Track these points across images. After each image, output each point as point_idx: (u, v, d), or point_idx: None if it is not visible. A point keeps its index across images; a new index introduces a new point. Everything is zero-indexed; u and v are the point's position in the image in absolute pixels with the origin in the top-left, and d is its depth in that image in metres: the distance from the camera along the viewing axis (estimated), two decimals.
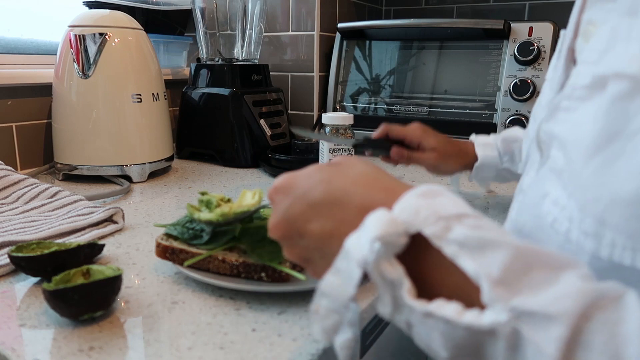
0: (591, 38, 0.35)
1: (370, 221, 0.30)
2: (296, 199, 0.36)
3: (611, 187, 0.30)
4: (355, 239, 0.31)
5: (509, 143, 0.76)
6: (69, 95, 0.91)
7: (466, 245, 0.28)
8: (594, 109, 0.32)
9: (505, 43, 1.09)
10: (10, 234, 0.60)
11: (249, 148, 1.08)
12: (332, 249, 0.34)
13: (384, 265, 0.29)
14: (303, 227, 0.36)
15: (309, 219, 0.35)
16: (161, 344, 0.41)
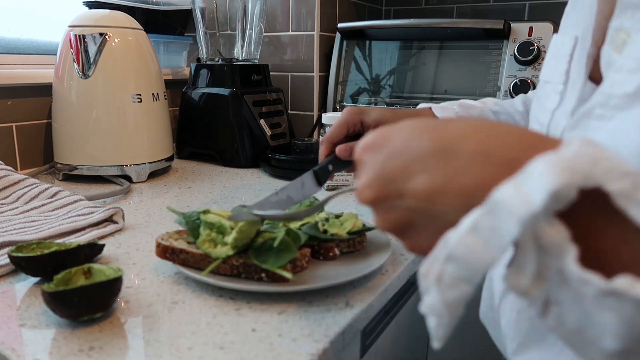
0: (625, 47, 0.35)
1: (538, 167, 0.24)
2: (394, 152, 0.31)
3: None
4: (513, 189, 0.24)
5: (466, 109, 0.72)
6: (69, 95, 0.91)
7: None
8: (636, 119, 0.32)
9: (505, 43, 1.09)
10: (10, 234, 0.60)
11: (249, 148, 1.08)
12: (443, 208, 0.28)
13: (542, 225, 0.24)
14: (404, 183, 0.30)
15: (412, 173, 0.30)
16: (161, 344, 0.41)
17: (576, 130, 0.39)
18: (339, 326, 0.44)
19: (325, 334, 0.43)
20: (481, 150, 0.28)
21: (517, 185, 0.24)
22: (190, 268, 0.52)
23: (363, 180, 0.32)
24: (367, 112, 0.66)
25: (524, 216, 0.23)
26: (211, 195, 0.86)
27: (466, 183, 0.27)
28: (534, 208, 0.23)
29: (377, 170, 0.31)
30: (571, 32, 0.44)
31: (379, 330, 0.66)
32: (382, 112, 0.66)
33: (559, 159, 0.24)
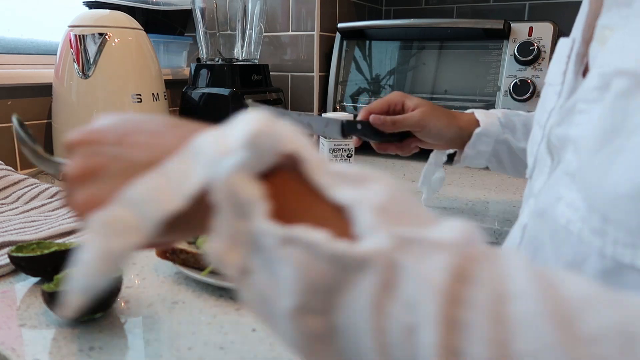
0: (607, 42, 0.35)
1: (242, 120, 0.25)
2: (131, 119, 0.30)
3: (612, 183, 0.30)
4: (213, 137, 0.24)
5: (511, 116, 0.72)
6: (69, 95, 0.91)
7: (343, 176, 0.24)
8: (600, 108, 0.33)
9: (505, 43, 1.09)
10: (10, 234, 0.60)
11: None
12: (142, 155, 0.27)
13: (239, 182, 0.23)
14: (127, 135, 0.28)
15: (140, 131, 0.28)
16: (161, 344, 0.41)
17: (561, 126, 0.39)
18: None
19: None
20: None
21: (219, 134, 0.24)
22: (190, 268, 0.52)
23: (90, 126, 0.30)
24: (410, 97, 0.71)
25: (214, 158, 0.23)
26: None
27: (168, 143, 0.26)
28: (228, 149, 0.23)
29: (110, 122, 0.29)
30: (572, 34, 0.45)
31: None
32: (425, 100, 0.71)
33: (263, 116, 0.24)
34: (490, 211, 0.79)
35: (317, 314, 0.23)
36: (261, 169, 0.24)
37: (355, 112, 1.27)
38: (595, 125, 0.32)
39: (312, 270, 0.22)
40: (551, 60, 0.50)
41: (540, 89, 1.04)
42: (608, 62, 0.33)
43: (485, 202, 0.83)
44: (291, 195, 0.25)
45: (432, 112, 0.71)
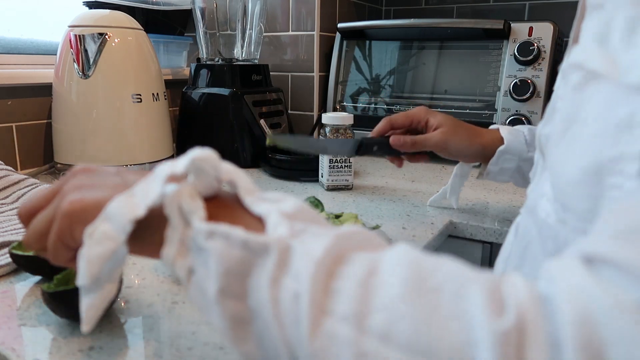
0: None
1: (191, 152, 0.31)
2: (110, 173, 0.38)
3: (566, 170, 0.32)
4: (167, 164, 0.31)
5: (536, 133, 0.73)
6: (69, 95, 0.91)
7: (265, 198, 0.32)
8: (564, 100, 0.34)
9: (505, 43, 1.09)
10: (10, 234, 0.60)
11: (249, 148, 1.08)
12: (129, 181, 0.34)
13: (185, 197, 0.29)
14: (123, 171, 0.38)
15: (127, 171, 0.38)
16: (161, 344, 0.41)
17: (546, 126, 0.40)
18: None
19: None
20: None
21: (173, 162, 0.31)
22: None
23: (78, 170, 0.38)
24: (435, 113, 0.70)
25: (167, 174, 0.30)
26: None
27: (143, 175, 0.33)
28: (175, 169, 0.30)
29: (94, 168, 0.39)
30: None
31: None
32: (448, 117, 0.70)
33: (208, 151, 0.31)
34: (490, 211, 0.79)
35: (236, 298, 0.27)
36: (206, 191, 0.31)
37: (356, 111, 1.27)
38: (559, 118, 0.34)
39: (228, 256, 0.27)
40: None
41: (540, 89, 1.04)
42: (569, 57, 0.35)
43: (486, 202, 0.83)
44: (224, 209, 0.31)
45: (455, 132, 0.69)
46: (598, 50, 0.31)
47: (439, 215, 0.76)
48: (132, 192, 0.31)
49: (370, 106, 1.26)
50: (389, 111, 1.23)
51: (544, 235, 0.37)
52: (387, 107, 1.24)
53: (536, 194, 0.41)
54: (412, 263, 0.25)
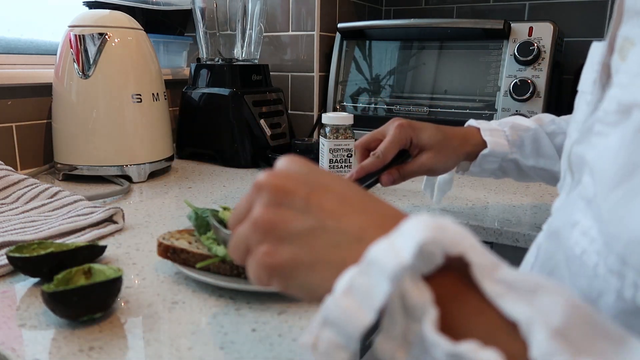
0: (627, 57, 0.33)
1: (410, 225, 0.25)
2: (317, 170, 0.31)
3: (630, 225, 0.28)
4: (386, 246, 0.25)
5: (519, 131, 0.69)
6: (69, 95, 0.91)
7: (515, 287, 0.24)
8: (619, 138, 0.30)
9: (505, 43, 1.09)
10: (10, 234, 0.60)
11: (249, 148, 1.08)
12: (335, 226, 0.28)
13: (409, 285, 0.24)
14: (315, 191, 0.29)
15: (326, 189, 0.30)
16: (161, 344, 0.41)
17: (582, 145, 0.37)
18: None
19: None
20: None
21: (390, 243, 0.25)
22: (190, 268, 0.52)
23: (280, 169, 0.31)
24: (420, 131, 0.66)
25: (394, 271, 0.24)
26: (211, 195, 0.86)
27: (364, 221, 0.28)
28: (403, 261, 0.24)
29: (298, 169, 0.31)
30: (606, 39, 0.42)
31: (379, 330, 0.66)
32: (434, 134, 0.67)
33: (429, 220, 0.26)
34: (490, 211, 0.79)
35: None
36: (428, 271, 0.25)
37: (356, 111, 1.27)
38: (613, 156, 0.30)
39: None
40: (584, 66, 0.48)
41: (540, 89, 1.04)
42: (629, 89, 0.31)
43: (486, 202, 0.83)
44: (458, 300, 0.25)
45: (440, 153, 0.67)
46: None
47: (439, 216, 0.76)
48: (349, 289, 0.25)
49: (370, 106, 1.26)
50: (389, 111, 1.23)
51: (575, 268, 0.34)
52: (387, 107, 1.24)
53: (564, 218, 0.38)
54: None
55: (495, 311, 0.24)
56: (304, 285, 0.28)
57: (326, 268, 0.28)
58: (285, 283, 0.29)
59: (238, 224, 0.32)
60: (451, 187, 0.77)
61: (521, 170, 0.71)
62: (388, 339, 0.25)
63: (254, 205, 0.30)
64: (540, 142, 0.69)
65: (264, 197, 0.30)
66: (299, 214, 0.29)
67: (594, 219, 0.32)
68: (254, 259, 0.29)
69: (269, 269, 0.29)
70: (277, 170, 0.31)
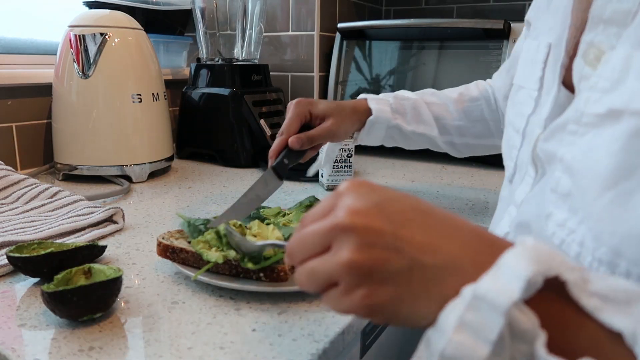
0: (600, 64, 0.35)
1: (512, 260, 0.26)
2: (393, 196, 0.31)
3: (626, 222, 0.30)
4: (491, 281, 0.26)
5: (401, 100, 0.76)
6: (69, 95, 0.91)
7: (610, 299, 0.25)
8: (608, 140, 0.32)
9: (505, 43, 1.09)
10: (10, 234, 0.60)
11: (249, 148, 1.08)
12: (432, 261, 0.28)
13: (516, 313, 0.25)
14: (401, 226, 0.29)
15: (410, 221, 0.29)
16: (161, 344, 0.41)
17: (551, 142, 0.39)
18: (339, 326, 0.44)
19: (325, 334, 0.43)
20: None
21: (494, 277, 0.26)
22: (190, 267, 0.52)
23: (354, 204, 0.30)
24: (315, 104, 0.72)
25: (506, 306, 0.25)
26: (211, 196, 0.86)
27: (455, 248, 0.28)
28: (514, 297, 0.25)
29: (374, 202, 0.30)
30: (545, 38, 0.44)
31: (379, 330, 0.66)
32: (328, 104, 0.73)
33: (526, 250, 0.26)
34: (490, 211, 0.79)
35: None
36: (529, 296, 0.26)
37: None
38: (603, 158, 0.32)
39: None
40: (520, 61, 0.50)
41: None
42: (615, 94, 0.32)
43: (486, 202, 0.83)
44: (558, 319, 0.26)
45: (341, 119, 0.73)
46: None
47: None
48: (461, 322, 0.26)
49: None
50: None
51: None
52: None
53: (534, 210, 0.40)
54: None
55: (595, 324, 0.25)
56: (407, 318, 0.29)
57: (426, 303, 0.28)
58: (386, 318, 0.29)
59: (309, 258, 0.31)
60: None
61: (404, 135, 0.78)
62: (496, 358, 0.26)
63: (339, 246, 0.29)
64: (419, 110, 0.77)
65: (352, 239, 0.28)
66: (393, 253, 0.28)
67: (570, 211, 0.35)
68: (348, 299, 0.29)
69: (369, 309, 0.29)
70: (354, 207, 0.29)
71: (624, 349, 0.24)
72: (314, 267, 0.30)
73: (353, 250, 0.28)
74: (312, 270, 0.30)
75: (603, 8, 0.35)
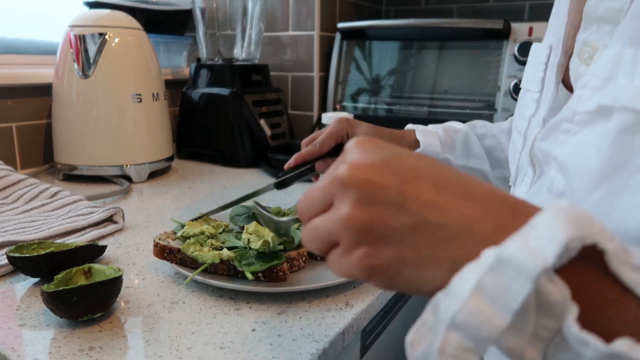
0: (592, 62, 0.35)
1: (547, 221, 0.23)
2: (403, 153, 0.28)
3: (614, 220, 0.29)
4: (519, 245, 0.23)
5: (450, 133, 0.72)
6: (69, 95, 0.91)
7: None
8: (598, 137, 0.32)
9: (505, 43, 1.09)
10: (10, 234, 0.60)
11: (249, 148, 1.08)
12: (439, 220, 0.25)
13: (544, 281, 0.22)
14: (408, 182, 0.26)
15: (419, 177, 0.27)
16: (161, 344, 0.41)
17: (546, 142, 0.39)
18: (339, 326, 0.44)
19: (325, 334, 0.43)
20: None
21: (523, 240, 0.23)
22: (187, 268, 0.52)
23: (357, 158, 0.27)
24: (356, 127, 0.68)
25: (536, 271, 0.22)
26: (211, 195, 0.86)
27: (470, 209, 0.25)
28: (547, 262, 0.22)
29: (380, 157, 0.27)
30: (548, 39, 0.45)
31: (379, 330, 0.66)
32: (369, 129, 0.69)
33: (564, 212, 0.23)
34: None
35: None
36: (561, 264, 0.23)
37: (356, 111, 1.27)
38: (593, 155, 0.32)
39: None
40: (526, 65, 0.50)
41: None
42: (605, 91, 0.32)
43: None
44: (594, 292, 0.23)
45: None
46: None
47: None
48: (479, 286, 0.23)
49: (370, 106, 1.26)
50: (389, 111, 1.23)
51: None
52: (387, 107, 1.24)
53: None
54: None
55: (632, 299, 0.23)
56: (410, 284, 0.26)
57: (434, 266, 0.25)
58: (388, 283, 0.27)
59: (314, 215, 0.29)
60: None
61: None
62: (518, 336, 0.23)
63: (339, 201, 0.27)
64: (470, 143, 0.72)
65: (351, 193, 0.26)
66: (396, 210, 0.26)
67: None
68: (348, 259, 0.27)
69: (369, 270, 0.26)
70: (356, 161, 0.27)
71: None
72: (315, 224, 0.29)
73: (351, 205, 0.26)
74: (314, 227, 0.29)
75: (595, 7, 0.35)
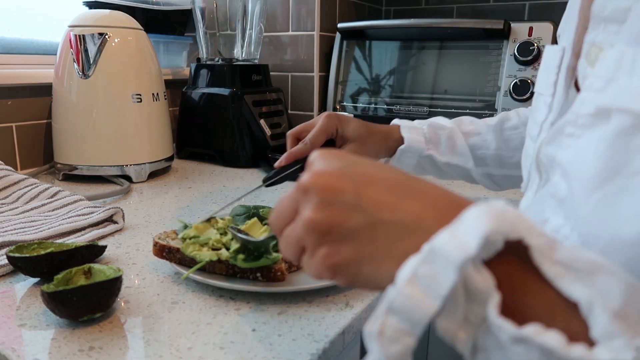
0: (597, 63, 0.34)
1: (472, 215, 0.26)
2: (358, 161, 0.31)
3: (611, 226, 0.29)
4: (448, 236, 0.25)
5: (436, 129, 0.72)
6: (69, 95, 0.91)
7: (573, 268, 0.24)
8: (596, 140, 0.32)
9: (505, 43, 1.09)
10: (10, 234, 0.60)
11: (249, 148, 1.08)
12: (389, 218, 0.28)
13: (471, 271, 0.25)
14: (364, 186, 0.29)
15: (373, 182, 0.30)
16: (161, 344, 0.41)
17: (551, 145, 0.38)
18: (339, 326, 0.45)
19: (325, 334, 0.43)
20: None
21: (452, 232, 0.26)
22: (187, 267, 0.52)
23: (319, 167, 0.31)
24: (346, 124, 0.68)
25: (460, 261, 0.24)
26: (211, 196, 0.86)
27: (419, 208, 0.28)
28: (469, 252, 0.24)
29: (339, 165, 0.30)
30: (562, 42, 0.44)
31: None
32: (358, 127, 0.69)
33: (489, 208, 0.26)
34: None
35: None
36: (488, 256, 0.25)
37: (356, 111, 1.27)
38: (591, 159, 0.31)
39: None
40: (539, 68, 0.49)
41: None
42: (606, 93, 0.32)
43: None
44: (517, 282, 0.26)
45: (363, 145, 0.69)
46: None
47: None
48: (413, 278, 0.25)
49: (370, 106, 1.26)
50: (389, 111, 1.23)
51: None
52: (387, 107, 1.24)
53: (533, 215, 0.39)
54: None
55: (554, 292, 0.25)
56: (369, 279, 0.29)
57: (389, 260, 0.28)
58: (350, 279, 0.29)
59: (285, 226, 0.32)
60: None
61: (437, 166, 0.73)
62: (450, 320, 0.26)
63: (302, 207, 0.30)
64: (455, 141, 0.72)
65: (312, 199, 0.29)
66: (353, 211, 0.28)
67: (565, 217, 0.34)
68: (314, 260, 0.29)
69: (332, 268, 0.29)
70: (317, 170, 0.30)
71: (577, 321, 0.24)
72: (287, 234, 0.31)
73: (312, 209, 0.29)
74: (286, 237, 0.31)
75: (603, 6, 0.35)
